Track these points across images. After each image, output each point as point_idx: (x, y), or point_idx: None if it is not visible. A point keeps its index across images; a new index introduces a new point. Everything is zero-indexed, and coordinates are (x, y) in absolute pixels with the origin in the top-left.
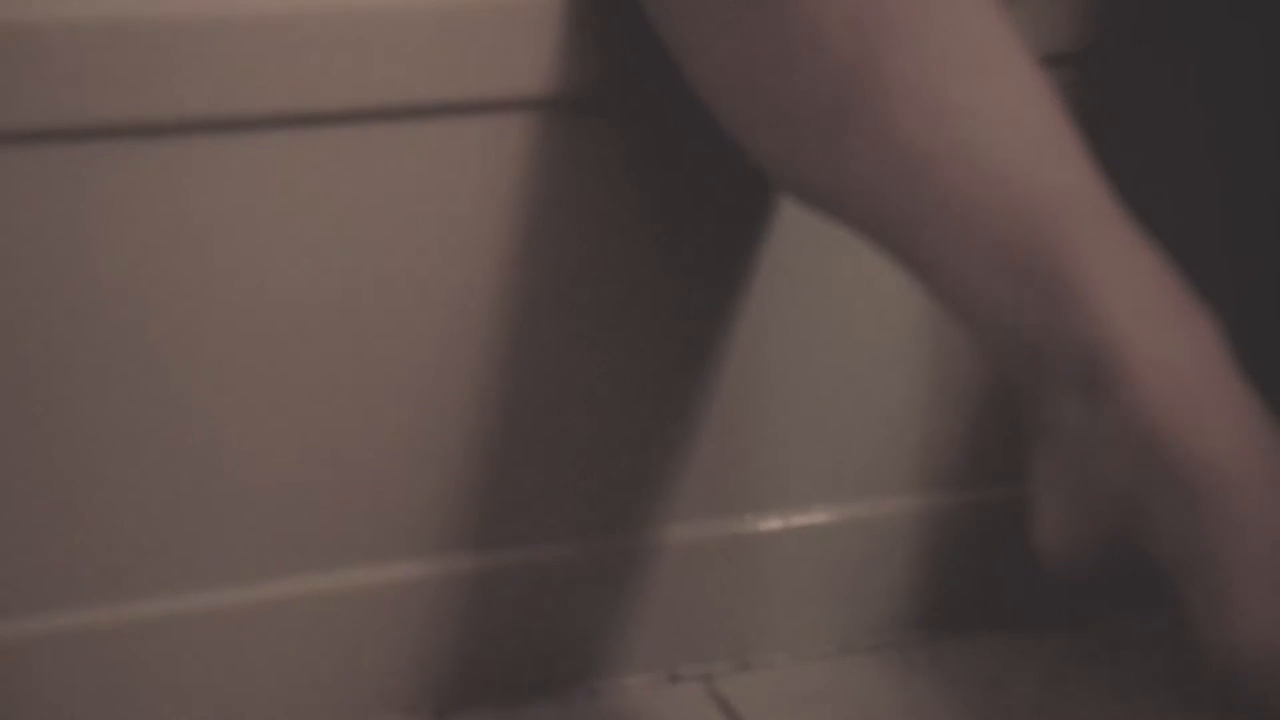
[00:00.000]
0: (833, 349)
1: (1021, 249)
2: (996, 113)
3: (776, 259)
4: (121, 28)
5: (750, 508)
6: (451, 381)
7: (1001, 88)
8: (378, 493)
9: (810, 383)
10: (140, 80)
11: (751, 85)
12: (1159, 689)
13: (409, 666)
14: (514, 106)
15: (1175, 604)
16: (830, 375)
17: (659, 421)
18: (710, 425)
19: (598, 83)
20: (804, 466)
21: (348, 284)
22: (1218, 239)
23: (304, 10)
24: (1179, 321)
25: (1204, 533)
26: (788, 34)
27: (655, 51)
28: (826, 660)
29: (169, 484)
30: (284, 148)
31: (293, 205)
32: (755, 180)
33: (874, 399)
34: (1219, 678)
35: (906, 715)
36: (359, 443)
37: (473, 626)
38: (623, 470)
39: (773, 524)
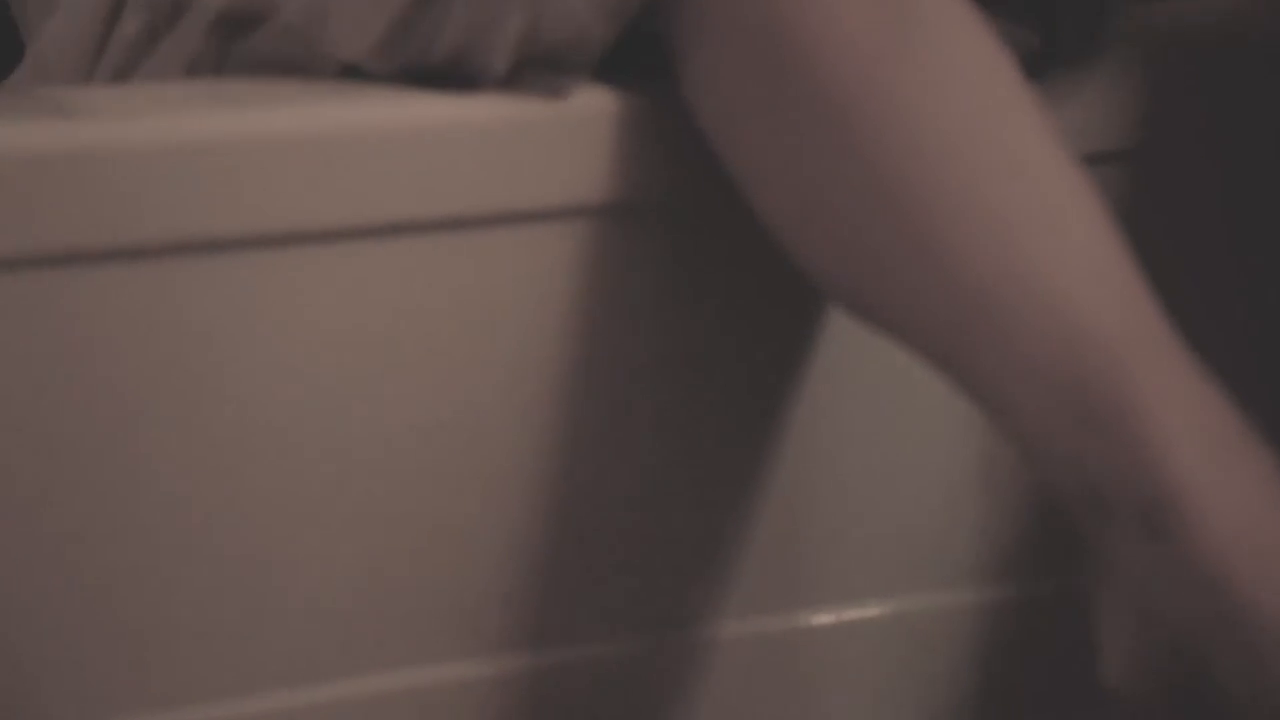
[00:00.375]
0: (883, 443)
1: (1081, 385)
2: (1056, 244)
3: (829, 354)
4: (178, 145)
5: (802, 603)
6: (502, 480)
7: (1060, 216)
8: (428, 592)
9: (861, 477)
10: (195, 198)
11: (808, 210)
12: None
13: None
14: (566, 214)
15: None
16: (881, 469)
17: (710, 517)
18: (762, 520)
19: (650, 189)
20: (856, 561)
21: (397, 387)
22: (1262, 338)
23: (355, 126)
24: (1242, 464)
25: (1269, 678)
26: (843, 161)
27: (708, 158)
28: None
29: (217, 592)
30: (338, 262)
31: (346, 315)
32: (807, 285)
33: (925, 493)
34: None
35: None
36: (408, 543)
37: None
38: (675, 567)
39: (825, 619)
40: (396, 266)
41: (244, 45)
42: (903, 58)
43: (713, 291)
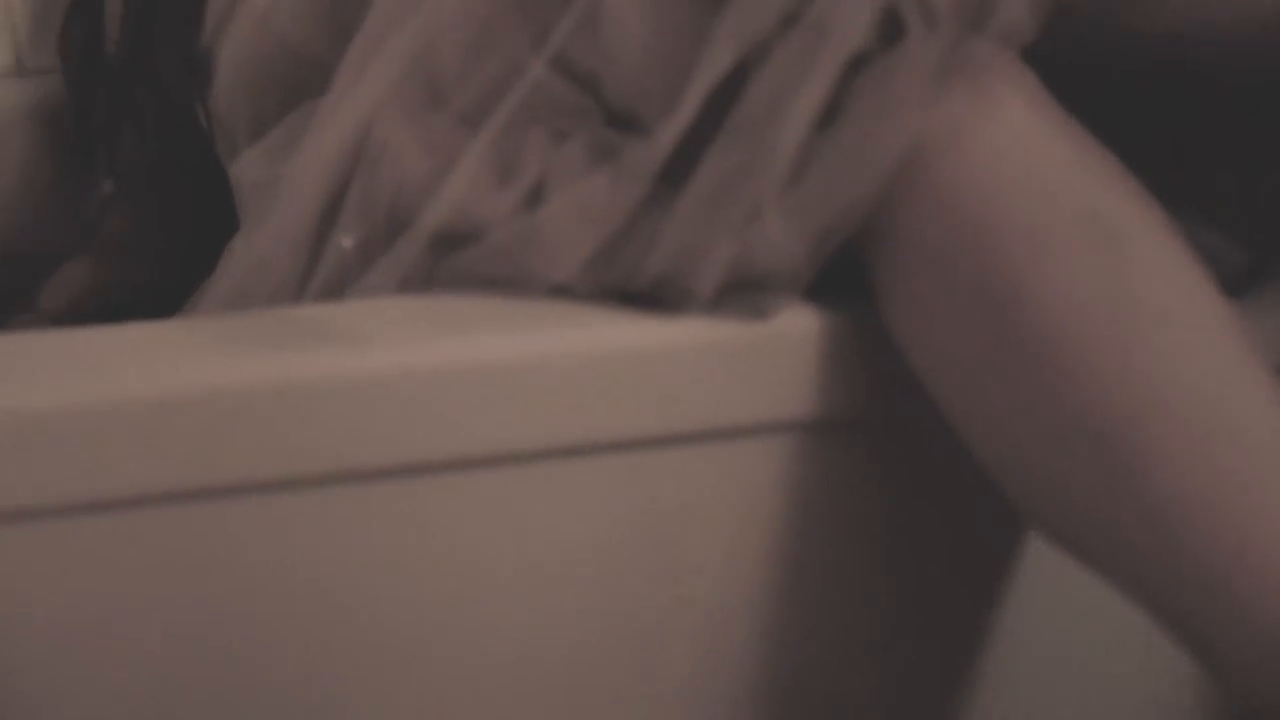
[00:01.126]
0: (1087, 656)
1: None
2: (1275, 503)
3: (1034, 565)
4: (415, 370)
5: None
6: (709, 694)
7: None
8: None
9: (1066, 692)
10: (424, 421)
11: (1014, 447)
12: None
13: None
14: (768, 430)
15: None
16: (1085, 683)
17: None
18: None
19: (852, 406)
20: None
21: (604, 601)
22: None
23: (565, 349)
24: None
25: None
26: (1055, 409)
27: (909, 376)
28: None
29: None
30: (547, 481)
31: (553, 532)
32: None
33: (1131, 709)
34: None
35: None
36: None
37: None
38: None
39: None
40: (604, 484)
41: (454, 260)
42: (1117, 310)
43: (914, 506)
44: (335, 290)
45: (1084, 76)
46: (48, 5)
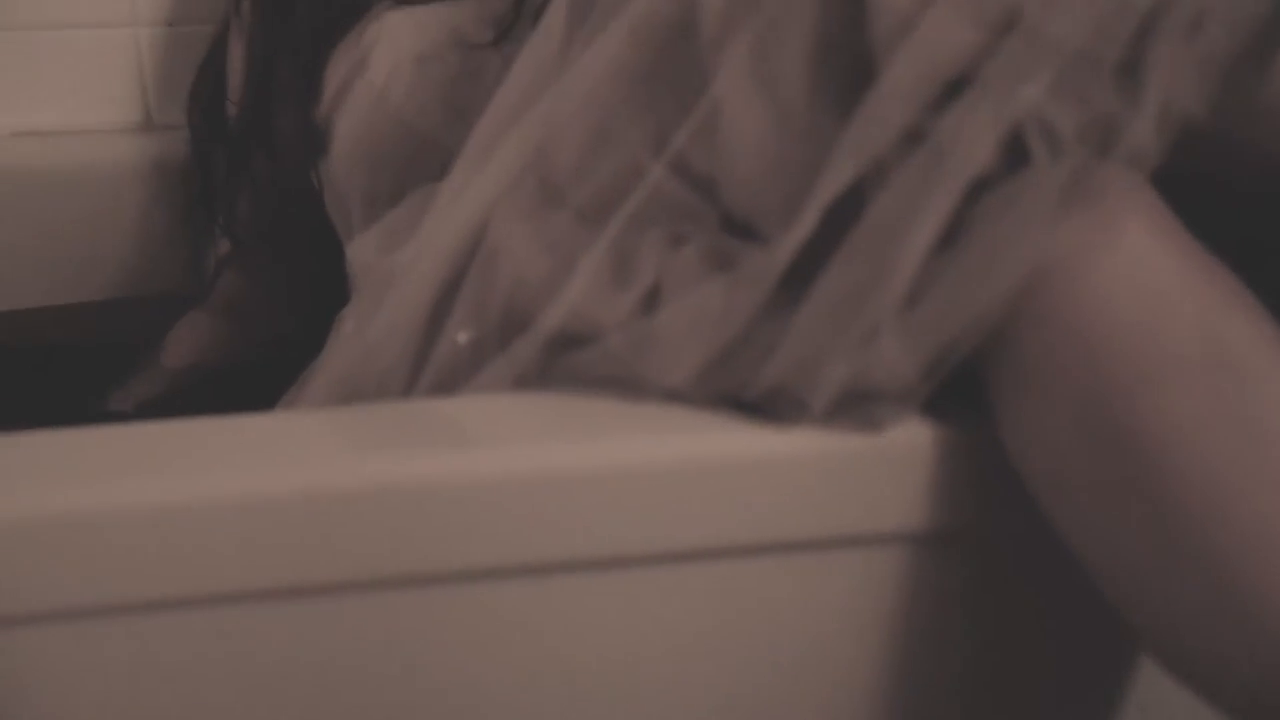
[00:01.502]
0: None
1: None
2: None
3: (1144, 686)
4: (531, 475)
5: None
6: None
7: None
8: None
9: None
10: (535, 524)
11: (1127, 568)
12: None
13: None
14: (878, 541)
15: None
16: None
17: None
18: None
19: (962, 518)
20: None
21: (710, 703)
22: None
23: (679, 456)
24: None
25: None
26: (1173, 539)
27: (1020, 488)
28: None
29: None
30: (660, 583)
31: (663, 636)
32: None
33: None
34: None
35: None
36: None
37: None
38: None
39: None
40: (713, 589)
41: (568, 361)
42: (1235, 440)
43: (1025, 620)
44: (447, 384)
45: (1212, 193)
46: (178, 64)
